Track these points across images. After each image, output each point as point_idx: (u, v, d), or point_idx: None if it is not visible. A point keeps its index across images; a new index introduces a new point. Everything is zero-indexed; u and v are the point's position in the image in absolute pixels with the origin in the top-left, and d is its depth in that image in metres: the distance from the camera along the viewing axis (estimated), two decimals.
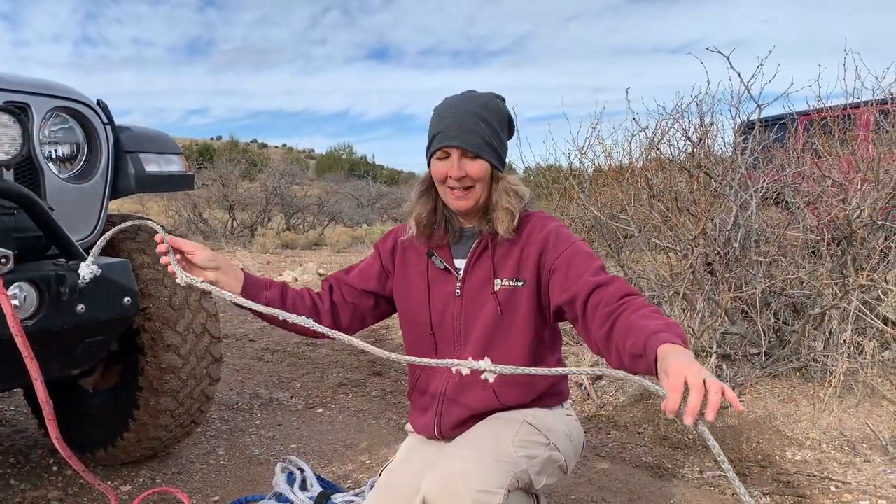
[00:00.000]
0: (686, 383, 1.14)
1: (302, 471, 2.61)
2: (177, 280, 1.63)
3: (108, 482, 2.73)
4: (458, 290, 1.84)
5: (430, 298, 1.88)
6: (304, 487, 2.53)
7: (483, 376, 1.36)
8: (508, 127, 1.80)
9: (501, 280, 1.78)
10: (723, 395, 1.14)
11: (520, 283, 1.77)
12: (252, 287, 1.78)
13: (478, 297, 1.81)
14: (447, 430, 1.87)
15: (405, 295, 1.93)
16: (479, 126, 1.70)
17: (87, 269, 1.76)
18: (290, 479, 2.56)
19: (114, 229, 1.82)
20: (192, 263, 1.71)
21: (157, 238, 1.69)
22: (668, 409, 1.15)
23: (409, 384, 2.02)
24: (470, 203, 1.75)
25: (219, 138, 67.80)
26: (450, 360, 1.40)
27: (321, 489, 2.51)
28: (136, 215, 2.96)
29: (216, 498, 2.64)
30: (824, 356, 3.65)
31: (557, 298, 1.71)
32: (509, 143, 1.86)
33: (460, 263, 1.85)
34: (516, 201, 1.75)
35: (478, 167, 1.72)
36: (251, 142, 74.53)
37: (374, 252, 2.02)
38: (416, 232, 1.86)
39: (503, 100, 1.83)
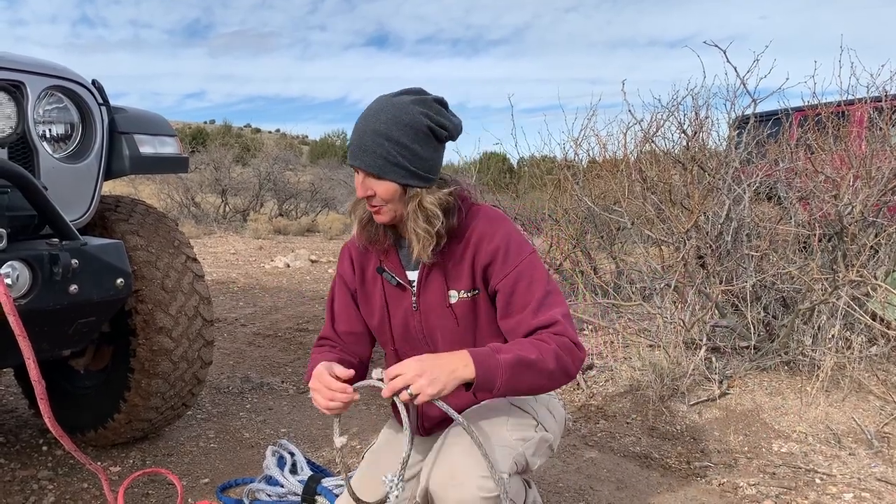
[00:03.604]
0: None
1: (292, 454, 2.63)
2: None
3: (99, 463, 2.73)
4: (414, 304, 1.78)
5: (391, 316, 1.83)
6: (294, 471, 2.54)
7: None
8: (433, 136, 1.63)
9: (458, 292, 1.73)
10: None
11: (476, 292, 1.72)
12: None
13: (435, 309, 1.76)
14: (430, 428, 1.89)
15: (369, 315, 1.88)
16: (381, 146, 1.59)
17: (339, 440, 1.75)
18: (281, 463, 2.57)
19: None
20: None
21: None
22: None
23: None
24: (386, 218, 1.69)
25: (212, 122, 67.45)
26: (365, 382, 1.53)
27: (311, 473, 2.52)
28: (129, 197, 2.96)
29: (206, 480, 2.65)
30: (812, 350, 3.69)
31: (498, 317, 1.71)
32: (454, 143, 1.74)
33: (413, 275, 1.78)
34: (427, 225, 1.63)
35: (384, 188, 1.63)
36: (244, 126, 74.19)
37: (338, 281, 1.92)
38: (356, 231, 1.79)
39: (434, 104, 1.64)
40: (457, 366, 1.48)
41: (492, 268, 1.68)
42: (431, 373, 1.46)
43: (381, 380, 1.53)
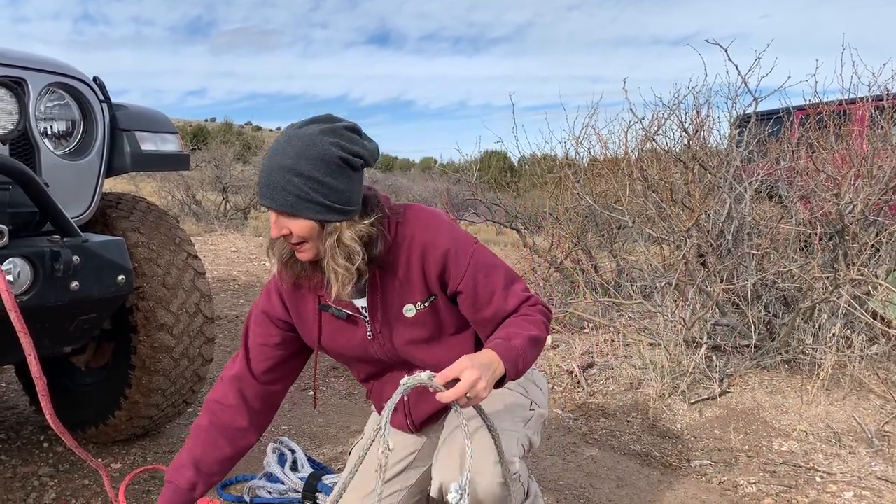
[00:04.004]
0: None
1: (293, 452, 2.63)
2: None
3: (100, 459, 2.73)
4: (369, 333, 1.71)
5: (341, 346, 1.77)
6: (294, 468, 2.55)
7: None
8: (347, 166, 1.51)
9: (415, 305, 1.67)
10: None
11: (433, 298, 1.67)
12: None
13: (396, 329, 1.70)
14: (420, 425, 1.88)
15: (317, 346, 1.80)
16: (291, 182, 1.47)
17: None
18: (282, 460, 2.57)
19: None
20: None
21: None
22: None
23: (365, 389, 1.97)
24: (309, 255, 1.58)
25: (213, 120, 67.44)
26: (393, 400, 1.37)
27: (312, 470, 2.52)
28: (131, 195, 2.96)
29: None
30: (813, 349, 3.69)
31: (466, 313, 1.68)
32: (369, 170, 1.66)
33: (361, 302, 1.70)
34: (347, 262, 1.54)
35: (299, 226, 1.52)
36: (245, 124, 74.18)
37: (260, 318, 1.81)
38: (279, 271, 1.67)
39: (345, 132, 1.53)
40: (495, 365, 1.47)
41: (446, 273, 1.63)
42: (485, 375, 1.42)
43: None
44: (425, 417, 1.85)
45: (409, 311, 1.67)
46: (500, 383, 1.49)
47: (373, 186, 1.67)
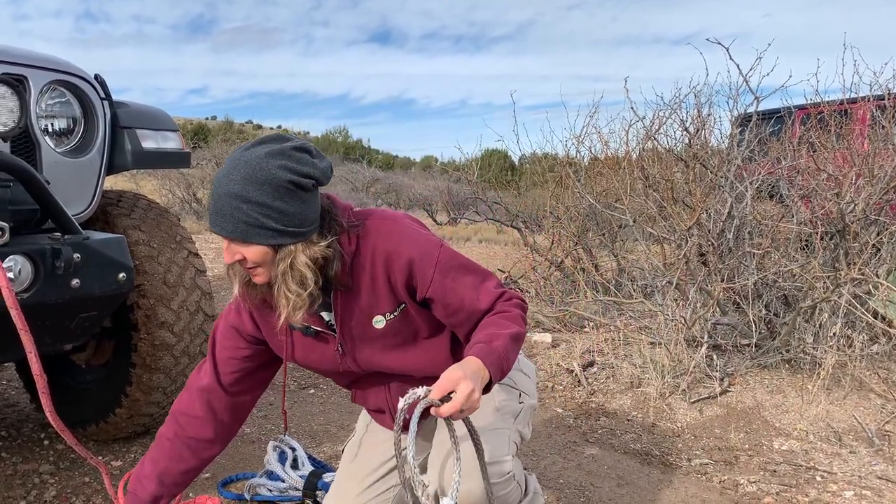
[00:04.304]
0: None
1: (293, 450, 2.63)
2: None
3: (100, 457, 2.73)
4: (339, 349, 1.68)
5: (313, 361, 1.75)
6: (295, 466, 2.55)
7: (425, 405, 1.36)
8: (298, 188, 1.44)
9: (384, 316, 1.63)
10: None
11: (402, 306, 1.63)
12: None
13: (366, 341, 1.67)
14: (406, 422, 1.88)
15: (290, 359, 1.77)
16: (239, 209, 1.42)
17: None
18: (282, 458, 2.57)
19: None
20: None
21: None
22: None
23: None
24: (263, 279, 1.53)
25: (214, 118, 67.44)
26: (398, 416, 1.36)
27: (312, 468, 2.52)
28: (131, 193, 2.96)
29: (207, 475, 2.65)
30: (814, 348, 3.68)
31: (440, 317, 1.65)
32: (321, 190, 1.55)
33: (329, 316, 1.66)
34: (300, 288, 1.49)
35: (252, 252, 1.47)
36: (246, 122, 74.20)
37: (229, 332, 1.77)
38: (240, 292, 1.61)
39: (294, 153, 1.46)
40: (482, 372, 1.44)
41: (413, 280, 1.59)
42: (477, 386, 1.39)
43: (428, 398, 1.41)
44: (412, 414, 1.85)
45: (379, 322, 1.63)
46: (487, 387, 1.46)
47: (332, 195, 1.62)
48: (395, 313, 1.63)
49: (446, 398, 1.36)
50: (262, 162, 1.42)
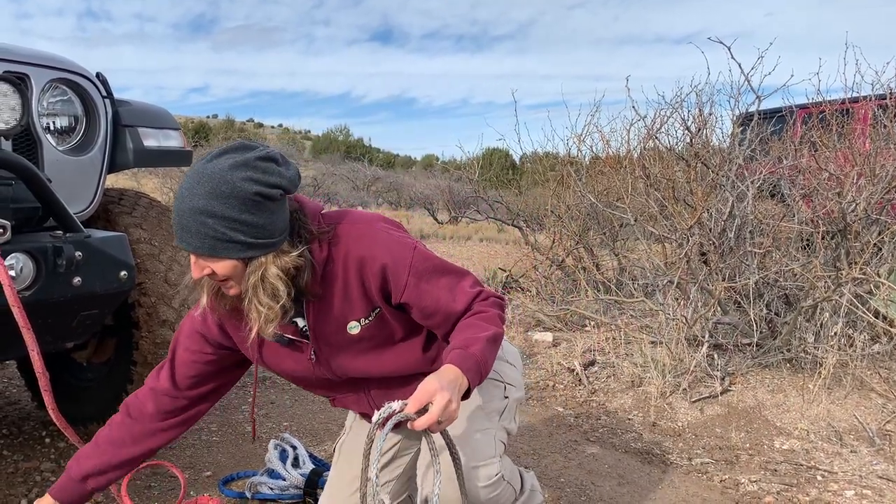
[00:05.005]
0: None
1: (294, 448, 2.63)
2: None
3: None
4: (312, 356, 1.65)
5: (286, 370, 1.72)
6: (296, 464, 2.55)
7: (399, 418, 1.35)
8: (266, 199, 1.39)
9: (359, 321, 1.59)
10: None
11: (377, 311, 1.59)
12: (67, 494, 1.70)
13: (342, 347, 1.64)
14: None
15: (262, 366, 1.73)
16: (205, 224, 1.37)
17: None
18: (283, 456, 2.57)
19: None
20: None
21: None
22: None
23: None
24: (235, 291, 1.48)
25: (215, 117, 67.47)
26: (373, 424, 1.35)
27: (313, 467, 2.52)
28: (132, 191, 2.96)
29: (208, 473, 2.66)
30: (815, 348, 3.68)
31: (417, 319, 1.62)
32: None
33: (303, 322, 1.62)
34: (272, 301, 1.45)
35: (221, 266, 1.43)
36: (247, 121, 74.23)
37: (196, 337, 1.72)
38: (209, 304, 1.57)
39: (259, 162, 1.40)
40: (459, 380, 1.42)
41: (387, 285, 1.55)
42: (454, 396, 1.37)
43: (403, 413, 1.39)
44: None
45: (354, 328, 1.60)
46: (466, 393, 1.44)
47: (301, 198, 1.57)
48: (370, 318, 1.60)
49: (423, 410, 1.34)
50: (225, 174, 1.36)
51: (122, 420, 1.74)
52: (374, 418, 1.34)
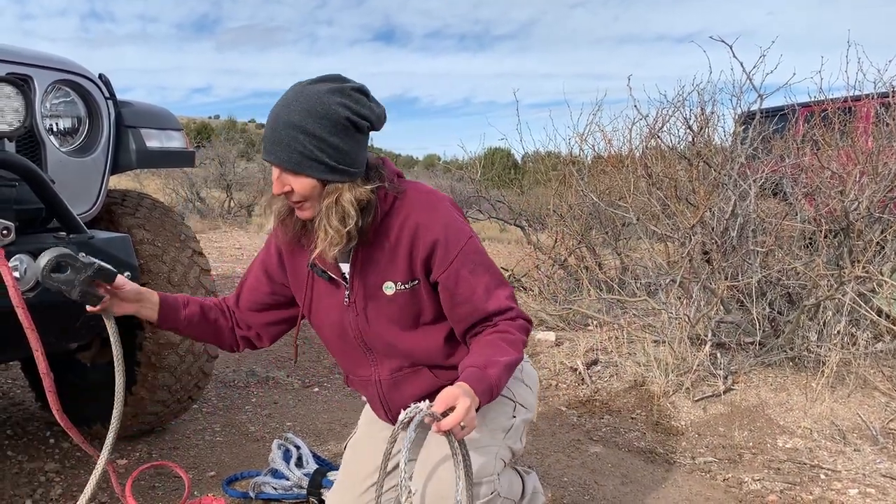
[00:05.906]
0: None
1: (298, 448, 2.63)
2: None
3: None
4: (346, 299, 1.69)
5: (321, 312, 1.76)
6: (299, 464, 2.55)
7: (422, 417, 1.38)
8: (353, 128, 1.50)
9: (396, 284, 1.63)
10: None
11: (415, 283, 1.64)
12: (168, 309, 1.79)
13: (372, 302, 1.67)
14: (398, 414, 1.88)
15: (305, 309, 1.80)
16: (296, 140, 1.47)
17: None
18: (287, 456, 2.58)
19: None
20: (118, 297, 1.74)
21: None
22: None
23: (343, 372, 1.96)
24: (309, 214, 1.57)
25: (217, 117, 67.49)
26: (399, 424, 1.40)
27: (317, 466, 2.53)
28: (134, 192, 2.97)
29: (212, 473, 2.66)
30: (818, 347, 3.68)
31: (443, 303, 1.66)
32: (375, 134, 1.62)
33: (346, 267, 1.68)
34: (340, 224, 1.52)
35: (300, 184, 1.52)
36: (249, 121, 74.27)
37: (259, 266, 1.84)
38: (275, 227, 1.67)
39: (353, 93, 1.51)
40: (473, 396, 1.44)
41: (433, 259, 1.60)
42: (474, 404, 1.41)
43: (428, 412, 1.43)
44: (401, 407, 1.85)
45: (389, 288, 1.64)
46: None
47: (385, 158, 1.66)
48: (407, 286, 1.64)
49: (445, 413, 1.39)
50: (322, 97, 1.47)
51: (202, 301, 1.86)
52: (401, 416, 1.39)
